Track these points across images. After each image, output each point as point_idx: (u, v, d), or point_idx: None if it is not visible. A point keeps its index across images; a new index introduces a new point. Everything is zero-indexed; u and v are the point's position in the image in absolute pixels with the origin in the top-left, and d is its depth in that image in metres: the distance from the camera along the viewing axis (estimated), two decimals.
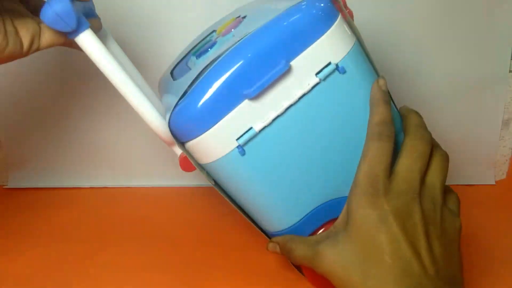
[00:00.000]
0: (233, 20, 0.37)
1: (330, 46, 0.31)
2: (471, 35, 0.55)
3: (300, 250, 0.32)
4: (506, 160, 0.60)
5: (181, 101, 0.31)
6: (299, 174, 0.33)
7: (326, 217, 0.35)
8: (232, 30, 0.35)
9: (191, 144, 0.31)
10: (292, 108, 0.31)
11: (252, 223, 0.37)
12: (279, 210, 0.34)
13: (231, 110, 0.30)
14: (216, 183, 0.34)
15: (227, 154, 0.31)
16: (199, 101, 0.30)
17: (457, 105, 0.57)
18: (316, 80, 0.31)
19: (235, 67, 0.29)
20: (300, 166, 0.33)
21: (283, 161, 0.32)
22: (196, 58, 0.36)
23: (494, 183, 0.60)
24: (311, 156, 0.32)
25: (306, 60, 0.31)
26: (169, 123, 0.31)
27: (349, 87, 0.32)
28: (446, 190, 0.35)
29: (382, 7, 0.53)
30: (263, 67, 0.30)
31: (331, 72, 0.31)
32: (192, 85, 0.31)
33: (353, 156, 0.32)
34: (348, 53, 0.32)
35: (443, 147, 0.40)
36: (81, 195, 0.56)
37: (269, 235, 0.37)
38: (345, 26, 0.32)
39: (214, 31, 0.39)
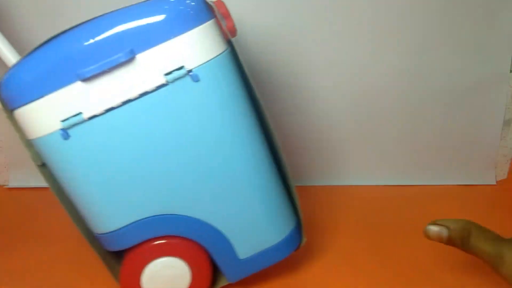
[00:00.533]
0: None
1: (188, 49, 0.28)
2: (472, 35, 0.54)
3: (486, 246, 0.33)
4: (507, 160, 0.60)
5: (15, 65, 0.29)
6: (127, 176, 0.30)
7: (153, 232, 0.32)
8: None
9: (17, 113, 0.29)
10: (131, 103, 0.29)
11: (73, 220, 0.33)
12: (101, 209, 0.31)
13: (62, 87, 0.28)
14: (42, 167, 0.32)
15: (50, 133, 0.29)
16: (30, 67, 0.28)
17: (458, 105, 0.57)
18: (162, 80, 0.28)
19: (75, 42, 0.28)
20: (129, 167, 0.30)
21: (111, 157, 0.30)
22: None
23: (495, 183, 0.60)
24: (142, 160, 0.30)
25: (156, 56, 0.28)
26: (5, 84, 0.29)
27: (200, 98, 0.29)
28: None
29: (382, 6, 0.53)
30: (105, 50, 0.28)
31: (181, 76, 0.29)
32: (31, 52, 0.29)
33: (188, 172, 0.30)
34: (208, 61, 0.29)
35: (444, 147, 0.40)
36: None
37: (94, 235, 0.34)
38: (213, 32, 0.30)
39: None
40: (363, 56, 0.55)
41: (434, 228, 0.34)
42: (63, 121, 0.28)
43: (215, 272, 0.36)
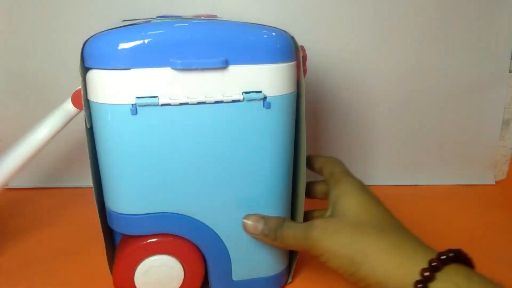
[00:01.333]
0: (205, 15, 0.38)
1: (272, 78, 0.31)
2: (471, 35, 0.55)
3: (293, 232, 0.32)
4: (506, 160, 0.60)
5: (116, 29, 0.30)
6: (168, 169, 0.31)
7: (165, 228, 0.33)
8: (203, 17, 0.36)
9: (95, 74, 0.30)
10: (204, 106, 0.30)
11: (94, 192, 0.34)
12: (129, 190, 0.32)
13: (151, 67, 0.29)
14: (90, 130, 0.33)
15: (122, 104, 0.30)
16: (132, 37, 0.29)
17: (457, 105, 0.57)
18: (240, 97, 0.31)
19: (182, 32, 0.30)
20: (173, 162, 0.31)
21: (161, 146, 0.31)
22: (157, 18, 0.36)
23: (494, 183, 0.60)
24: (187, 161, 0.31)
25: (244, 73, 0.31)
26: (89, 42, 0.30)
27: (264, 123, 0.32)
28: None
29: (383, 6, 0.53)
30: (204, 51, 0.30)
31: (256, 99, 0.31)
32: (136, 25, 0.31)
33: (221, 184, 0.32)
34: (282, 95, 0.32)
35: (443, 147, 0.40)
36: (82, 195, 0.55)
37: (105, 212, 0.35)
38: (293, 72, 0.33)
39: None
40: (363, 56, 0.55)
41: (247, 221, 0.34)
42: (138, 98, 0.29)
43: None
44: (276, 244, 0.33)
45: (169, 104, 0.30)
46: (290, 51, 0.32)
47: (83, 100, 0.32)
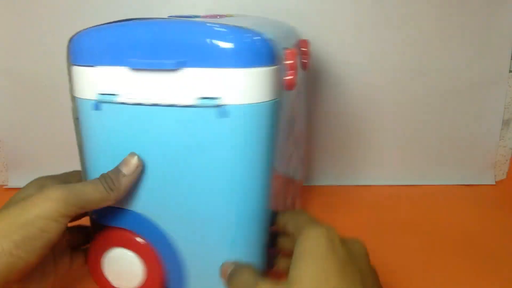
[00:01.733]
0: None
1: (234, 84, 0.28)
2: (471, 35, 0.55)
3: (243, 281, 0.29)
4: (506, 160, 0.60)
5: (91, 28, 0.31)
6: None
7: (126, 223, 0.33)
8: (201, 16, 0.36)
9: (73, 69, 0.32)
10: (158, 108, 0.30)
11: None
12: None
13: (111, 65, 0.30)
14: (78, 120, 0.34)
15: (87, 99, 0.31)
16: (99, 36, 0.31)
17: (457, 105, 0.57)
18: (194, 102, 0.29)
19: (141, 32, 0.30)
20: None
21: (122, 144, 0.31)
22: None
23: (494, 183, 0.60)
24: (144, 161, 0.31)
25: (201, 77, 0.28)
26: (71, 38, 0.32)
27: (217, 133, 0.29)
28: None
29: (382, 5, 0.53)
30: (158, 52, 0.29)
31: (211, 106, 0.28)
32: (104, 24, 0.31)
33: (175, 191, 0.31)
34: (246, 104, 0.29)
35: (443, 147, 0.40)
36: None
37: None
38: (266, 79, 0.29)
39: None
40: (362, 55, 0.55)
41: (222, 266, 0.31)
42: (100, 94, 0.31)
43: None
44: None
45: (125, 103, 0.30)
46: (260, 55, 0.29)
47: (70, 94, 0.34)
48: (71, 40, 0.32)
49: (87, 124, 0.32)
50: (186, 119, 0.29)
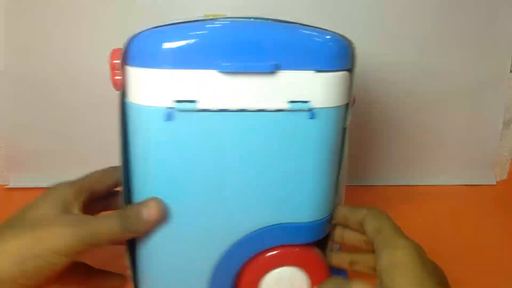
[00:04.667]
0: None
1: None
2: (472, 36, 0.55)
3: None
4: (507, 160, 0.60)
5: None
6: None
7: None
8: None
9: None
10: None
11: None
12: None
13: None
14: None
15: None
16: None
17: (458, 105, 0.57)
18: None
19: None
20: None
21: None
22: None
23: (495, 183, 0.60)
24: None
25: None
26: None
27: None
28: None
29: (382, 6, 0.53)
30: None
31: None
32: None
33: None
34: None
35: (444, 147, 0.39)
36: None
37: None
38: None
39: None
40: (363, 56, 0.55)
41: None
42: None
43: None
44: None
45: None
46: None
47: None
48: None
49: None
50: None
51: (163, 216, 0.29)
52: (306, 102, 0.28)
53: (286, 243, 0.32)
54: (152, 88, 0.27)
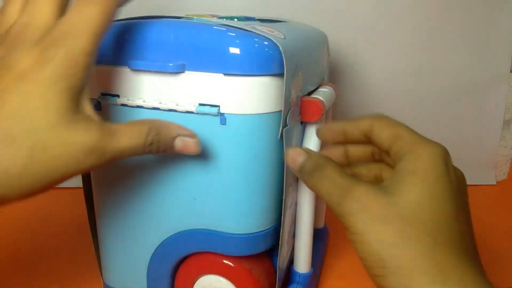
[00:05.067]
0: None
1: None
2: (472, 35, 0.55)
3: (328, 186, 0.25)
4: (507, 160, 0.60)
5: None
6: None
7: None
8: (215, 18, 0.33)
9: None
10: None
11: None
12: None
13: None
14: None
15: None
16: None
17: (458, 105, 0.57)
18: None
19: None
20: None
21: None
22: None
23: (495, 183, 0.60)
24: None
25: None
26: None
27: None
28: None
29: (383, 6, 0.53)
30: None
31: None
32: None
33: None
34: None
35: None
36: (79, 193, 0.56)
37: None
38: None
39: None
40: (362, 56, 0.55)
41: (288, 152, 0.27)
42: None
43: None
44: (308, 186, 0.27)
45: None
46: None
47: None
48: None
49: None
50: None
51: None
52: (215, 106, 0.27)
53: (217, 251, 0.31)
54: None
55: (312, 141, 0.32)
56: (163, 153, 0.26)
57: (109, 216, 0.33)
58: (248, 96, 0.27)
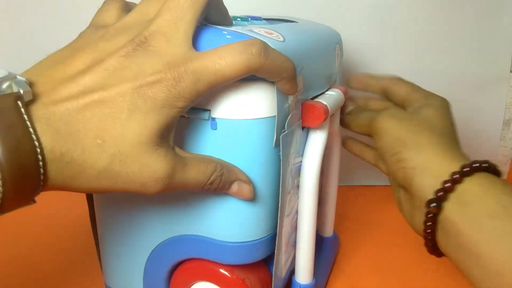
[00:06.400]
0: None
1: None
2: (472, 35, 0.55)
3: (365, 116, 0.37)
4: (507, 161, 0.60)
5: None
6: None
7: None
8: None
9: None
10: None
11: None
12: None
13: None
14: None
15: None
16: None
17: (458, 105, 0.57)
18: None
19: None
20: None
21: None
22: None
23: None
24: None
25: None
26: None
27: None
28: None
29: (382, 6, 0.53)
30: None
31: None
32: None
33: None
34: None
35: None
36: (83, 195, 0.55)
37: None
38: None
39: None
40: (363, 56, 0.55)
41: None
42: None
43: None
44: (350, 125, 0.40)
45: None
46: None
47: None
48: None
49: None
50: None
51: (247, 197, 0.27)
52: (206, 110, 0.26)
53: (210, 258, 0.30)
54: None
55: (314, 148, 0.31)
56: (215, 191, 0.26)
57: (107, 218, 0.33)
58: (239, 101, 0.26)
